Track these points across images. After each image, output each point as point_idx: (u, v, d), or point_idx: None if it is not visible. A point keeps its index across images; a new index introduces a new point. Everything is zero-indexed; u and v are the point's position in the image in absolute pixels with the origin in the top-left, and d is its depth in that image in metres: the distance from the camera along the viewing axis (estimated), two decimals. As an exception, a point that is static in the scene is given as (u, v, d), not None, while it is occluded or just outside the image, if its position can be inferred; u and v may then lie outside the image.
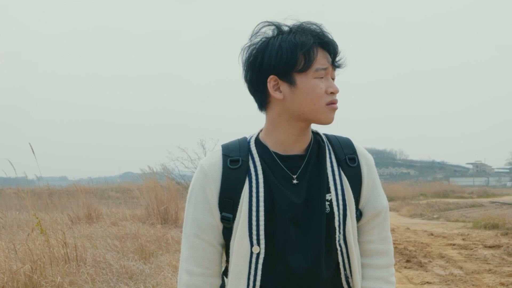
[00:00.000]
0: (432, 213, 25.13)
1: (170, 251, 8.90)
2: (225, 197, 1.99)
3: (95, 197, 15.43)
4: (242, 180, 1.98)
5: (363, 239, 2.08)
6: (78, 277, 6.61)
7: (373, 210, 2.06)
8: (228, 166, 2.00)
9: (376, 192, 2.08)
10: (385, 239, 2.09)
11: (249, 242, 1.93)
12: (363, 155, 2.08)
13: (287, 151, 2.02)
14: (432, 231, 16.01)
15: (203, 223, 2.01)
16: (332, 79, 1.97)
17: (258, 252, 1.94)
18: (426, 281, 8.57)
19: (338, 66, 1.99)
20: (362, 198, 2.05)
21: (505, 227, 15.89)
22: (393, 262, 2.11)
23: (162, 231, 10.71)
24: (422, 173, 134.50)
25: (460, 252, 11.68)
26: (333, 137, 2.12)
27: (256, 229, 1.93)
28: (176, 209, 13.13)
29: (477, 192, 48.33)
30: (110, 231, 10.43)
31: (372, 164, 2.10)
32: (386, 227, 2.11)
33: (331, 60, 1.96)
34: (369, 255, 2.07)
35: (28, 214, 10.60)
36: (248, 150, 2.04)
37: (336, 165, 2.02)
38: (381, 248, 2.08)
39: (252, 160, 2.01)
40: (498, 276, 8.98)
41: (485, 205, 31.21)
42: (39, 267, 6.30)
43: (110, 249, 8.50)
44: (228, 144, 2.08)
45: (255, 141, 2.07)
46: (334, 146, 2.07)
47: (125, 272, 7.19)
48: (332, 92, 1.95)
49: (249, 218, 1.93)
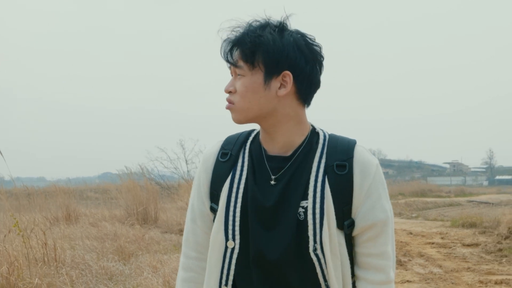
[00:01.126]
0: (411, 212, 25.29)
1: (150, 252, 8.86)
2: (213, 188, 2.00)
3: (74, 197, 15.32)
4: (227, 173, 1.98)
5: (359, 250, 1.96)
6: (57, 278, 6.55)
7: (364, 222, 1.91)
8: (219, 158, 2.02)
9: (371, 203, 1.90)
10: (382, 254, 1.94)
11: (224, 236, 1.92)
12: (359, 162, 1.91)
13: (272, 151, 1.98)
14: (411, 230, 16.09)
15: (197, 210, 2.06)
16: (237, 77, 1.92)
17: (233, 247, 1.92)
18: (406, 280, 8.61)
19: (228, 62, 1.92)
20: (353, 208, 1.90)
21: (483, 226, 16.02)
22: (390, 279, 1.97)
23: (142, 232, 10.66)
24: (400, 172, 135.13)
25: (439, 251, 11.76)
26: (334, 139, 1.99)
27: (232, 224, 1.91)
28: (156, 209, 13.09)
29: (455, 191, 48.73)
30: (89, 232, 10.37)
31: (371, 172, 1.91)
32: (384, 242, 1.94)
33: (225, 54, 1.92)
34: (365, 268, 1.96)
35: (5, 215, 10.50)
36: (243, 144, 2.03)
37: (323, 171, 1.90)
38: (377, 264, 1.94)
39: (242, 155, 2.00)
40: (477, 274, 9.05)
41: (462, 204, 31.49)
42: (16, 268, 6.23)
43: (89, 250, 8.45)
44: (230, 136, 2.09)
45: (254, 136, 2.05)
46: (329, 150, 1.95)
47: (105, 273, 7.14)
48: (224, 91, 1.94)
49: (226, 212, 1.93)
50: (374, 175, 1.92)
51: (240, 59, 1.88)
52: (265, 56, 1.86)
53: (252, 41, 1.85)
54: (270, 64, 1.86)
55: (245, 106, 1.89)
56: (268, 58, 1.86)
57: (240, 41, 1.87)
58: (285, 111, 1.94)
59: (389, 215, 1.95)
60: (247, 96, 1.88)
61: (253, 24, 1.89)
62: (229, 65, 1.93)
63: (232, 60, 1.89)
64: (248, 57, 1.86)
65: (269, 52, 1.85)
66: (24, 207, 12.47)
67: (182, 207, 15.54)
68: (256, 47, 1.85)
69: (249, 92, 1.88)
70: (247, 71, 1.87)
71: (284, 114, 1.94)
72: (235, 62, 1.89)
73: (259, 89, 1.88)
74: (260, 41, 1.85)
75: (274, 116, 1.93)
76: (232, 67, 1.91)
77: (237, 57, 1.88)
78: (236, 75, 1.91)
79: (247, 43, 1.86)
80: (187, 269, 2.07)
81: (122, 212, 13.38)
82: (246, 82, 1.88)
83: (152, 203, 13.07)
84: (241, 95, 1.89)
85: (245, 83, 1.88)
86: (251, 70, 1.87)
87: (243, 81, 1.88)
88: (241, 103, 1.90)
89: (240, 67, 1.88)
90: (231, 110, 1.93)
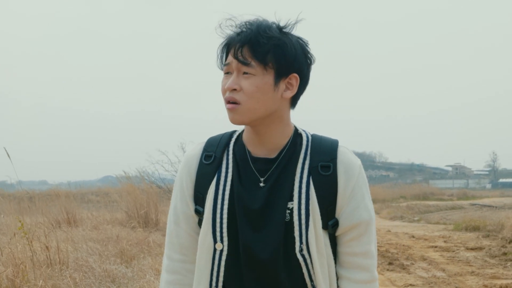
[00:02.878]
0: (413, 215, 25.28)
1: (152, 255, 8.84)
2: (197, 191, 2.00)
3: (75, 201, 15.32)
4: (212, 176, 1.97)
5: (342, 250, 1.98)
6: (61, 281, 6.55)
7: (349, 221, 1.93)
8: (203, 161, 2.01)
9: (355, 203, 1.93)
10: (366, 253, 1.97)
11: (212, 239, 1.93)
12: (343, 163, 1.93)
13: (257, 153, 1.98)
14: (413, 234, 16.08)
15: (181, 212, 2.05)
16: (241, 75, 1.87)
17: (221, 249, 1.92)
18: (409, 284, 8.59)
19: (238, 60, 1.85)
20: (337, 208, 1.93)
21: (486, 229, 16.00)
22: (375, 278, 2.00)
23: (144, 235, 10.65)
24: (401, 175, 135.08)
25: (442, 254, 11.73)
26: (317, 140, 2.00)
27: (219, 226, 1.92)
28: (157, 212, 13.07)
29: (457, 194, 48.70)
30: (91, 235, 10.36)
31: (354, 173, 1.94)
32: (368, 241, 1.97)
33: (235, 51, 1.86)
34: (348, 267, 1.98)
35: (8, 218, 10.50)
36: (226, 146, 2.02)
37: (307, 172, 1.92)
38: (360, 263, 1.96)
39: (226, 157, 2.00)
40: (481, 278, 9.02)
41: (465, 207, 31.51)
42: (21, 270, 6.23)
43: (92, 252, 8.43)
44: (212, 138, 2.07)
45: (237, 138, 2.04)
46: (313, 151, 1.96)
47: (108, 275, 7.13)
48: (226, 88, 1.89)
49: (213, 214, 1.93)
50: (357, 176, 1.95)
51: (252, 58, 1.84)
52: (279, 58, 1.85)
53: (267, 41, 1.83)
54: (282, 65, 1.86)
55: (252, 107, 1.87)
56: (282, 60, 1.86)
57: (253, 40, 1.83)
58: (281, 113, 1.95)
59: (372, 215, 1.99)
60: (256, 96, 1.86)
61: (261, 24, 1.86)
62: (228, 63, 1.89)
63: (243, 58, 1.84)
64: (262, 57, 1.83)
65: (284, 54, 1.85)
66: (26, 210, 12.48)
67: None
68: (271, 48, 1.84)
69: (259, 93, 1.86)
70: (259, 70, 1.85)
71: (278, 116, 1.95)
72: (246, 61, 1.84)
73: (269, 90, 1.87)
74: (275, 43, 1.84)
75: (270, 117, 1.93)
76: (239, 65, 1.85)
77: (248, 56, 1.84)
78: (240, 73, 1.87)
79: (262, 43, 1.83)
80: (172, 272, 2.06)
81: (123, 215, 13.37)
82: (257, 82, 1.85)
83: (152, 206, 13.05)
84: (250, 95, 1.86)
85: (256, 83, 1.85)
86: (263, 70, 1.85)
87: (253, 81, 1.85)
88: (248, 103, 1.86)
89: (252, 66, 1.84)
90: (235, 111, 1.88)
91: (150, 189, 13.98)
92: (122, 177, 15.19)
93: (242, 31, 1.86)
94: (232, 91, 1.87)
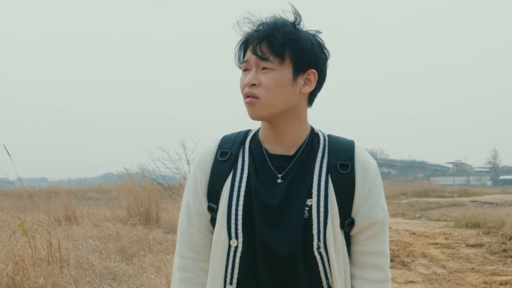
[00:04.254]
0: (414, 212, 25.24)
1: (153, 252, 8.84)
2: (212, 187, 1.99)
3: (76, 198, 15.32)
4: (227, 172, 1.97)
5: (357, 249, 1.98)
6: (61, 278, 6.55)
7: (365, 221, 1.94)
8: (218, 157, 2.00)
9: (372, 202, 1.95)
10: (381, 253, 1.97)
11: (227, 235, 1.92)
12: (361, 162, 1.95)
13: (274, 150, 1.98)
14: (414, 230, 16.06)
15: (193, 210, 2.03)
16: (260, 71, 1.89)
17: (236, 246, 1.92)
18: (409, 280, 8.59)
19: (257, 55, 1.87)
20: (354, 207, 1.94)
21: (487, 226, 16.00)
22: (388, 277, 2.01)
23: (144, 232, 10.65)
24: (402, 172, 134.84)
25: (442, 251, 11.73)
26: (334, 139, 2.02)
27: (234, 222, 1.91)
28: (157, 210, 13.06)
29: (458, 191, 48.57)
30: (91, 232, 10.36)
31: (371, 172, 1.96)
32: (383, 240, 1.98)
33: (253, 47, 1.88)
34: (362, 267, 1.98)
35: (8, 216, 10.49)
36: (242, 144, 2.02)
37: (325, 170, 1.93)
38: (375, 262, 1.97)
39: (242, 154, 2.00)
40: (481, 275, 9.03)
41: (466, 204, 31.44)
42: (21, 268, 6.23)
43: (93, 250, 8.43)
44: (227, 136, 2.08)
45: (253, 135, 2.05)
46: (331, 150, 1.97)
47: (108, 273, 7.14)
48: (245, 84, 1.90)
49: (228, 211, 1.92)
50: (374, 175, 1.97)
51: (270, 53, 1.86)
52: (297, 52, 1.87)
53: (284, 36, 1.86)
54: (300, 60, 1.88)
55: (271, 101, 1.88)
56: (299, 54, 1.87)
57: (270, 36, 1.85)
58: (299, 109, 1.96)
59: (387, 215, 2.00)
60: (275, 90, 1.87)
61: (278, 21, 1.89)
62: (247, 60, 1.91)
63: (261, 53, 1.86)
64: (280, 51, 1.85)
65: (301, 49, 1.87)
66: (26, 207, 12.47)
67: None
68: (288, 42, 1.86)
69: (278, 87, 1.87)
70: (277, 65, 1.86)
71: (296, 112, 1.96)
72: (264, 56, 1.86)
73: (288, 85, 1.88)
74: (292, 37, 1.86)
75: (289, 113, 1.94)
76: (258, 60, 1.87)
77: (266, 51, 1.86)
78: (258, 68, 1.88)
79: (279, 38, 1.85)
80: (184, 270, 2.05)
81: (123, 212, 13.37)
82: (276, 76, 1.87)
83: (153, 204, 13.03)
84: (269, 90, 1.87)
85: (275, 77, 1.87)
86: (281, 65, 1.86)
87: (272, 75, 1.87)
88: (268, 98, 1.87)
89: (270, 60, 1.86)
90: (254, 105, 1.89)
91: (151, 186, 13.98)
92: (122, 174, 15.19)
93: (259, 29, 1.89)
94: (251, 86, 1.88)
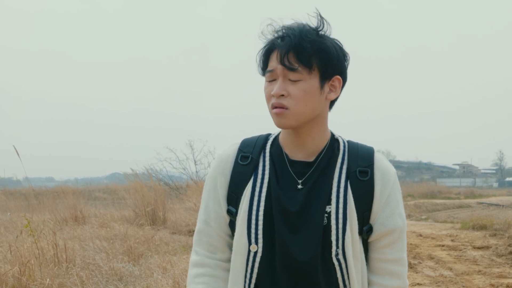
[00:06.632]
0: (420, 214, 25.25)
1: (159, 253, 8.84)
2: (232, 191, 1.99)
3: (82, 198, 15.35)
4: (248, 177, 1.97)
5: (374, 256, 1.98)
6: (68, 279, 6.56)
7: (383, 228, 1.94)
8: (239, 161, 2.00)
9: (390, 210, 1.94)
10: (399, 260, 1.99)
11: (247, 240, 1.92)
12: (380, 170, 1.95)
13: (294, 156, 1.98)
14: (421, 232, 16.02)
15: (212, 212, 2.04)
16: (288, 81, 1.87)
17: (256, 251, 1.91)
18: (416, 283, 8.57)
19: (285, 66, 1.85)
20: (372, 214, 1.94)
21: (493, 228, 15.91)
22: (406, 285, 2.01)
23: (151, 233, 10.65)
24: (409, 173, 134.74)
25: (449, 253, 11.69)
26: (354, 146, 2.02)
27: (255, 227, 1.91)
28: (164, 210, 13.06)
29: (464, 193, 48.49)
30: (98, 233, 10.36)
31: (390, 180, 1.95)
32: (401, 248, 1.99)
33: (281, 58, 1.85)
34: (380, 274, 1.98)
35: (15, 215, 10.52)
36: (262, 148, 2.02)
37: (345, 177, 1.93)
38: (393, 269, 1.97)
39: (263, 159, 2.00)
40: (488, 277, 8.99)
41: (472, 206, 31.39)
42: (28, 269, 6.24)
43: (99, 250, 8.44)
44: (247, 139, 2.08)
45: (273, 140, 2.04)
46: (350, 156, 1.97)
47: (115, 273, 7.14)
48: (273, 94, 1.87)
49: (249, 216, 1.92)
50: (393, 183, 1.96)
51: (298, 63, 1.84)
52: (324, 61, 1.87)
53: (312, 45, 1.84)
54: (326, 68, 1.87)
55: (301, 111, 1.88)
56: (325, 62, 1.87)
57: (297, 46, 1.83)
58: (323, 115, 1.97)
59: (405, 222, 2.00)
60: (304, 100, 1.87)
61: (303, 28, 1.87)
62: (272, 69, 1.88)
63: (289, 64, 1.84)
64: (308, 61, 1.84)
65: (328, 57, 1.87)
66: (33, 207, 12.50)
67: (191, 208, 15.54)
68: (316, 52, 1.85)
69: (307, 96, 1.87)
70: (305, 75, 1.85)
71: (321, 118, 1.97)
72: (293, 67, 1.84)
73: (316, 93, 1.88)
74: (319, 46, 1.85)
75: (314, 120, 1.94)
76: (285, 71, 1.85)
77: (294, 61, 1.84)
78: (286, 78, 1.86)
79: (306, 48, 1.83)
80: (200, 265, 2.04)
81: (130, 213, 13.37)
82: (305, 86, 1.86)
83: (160, 204, 13.03)
84: (298, 99, 1.86)
85: (304, 87, 1.86)
86: (309, 74, 1.85)
87: (300, 85, 1.86)
88: (297, 107, 1.87)
89: (298, 71, 1.84)
90: (283, 115, 1.88)
91: (158, 187, 13.99)
92: (129, 175, 15.22)
93: (285, 37, 1.86)
94: (280, 97, 1.87)
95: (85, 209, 13.56)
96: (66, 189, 14.82)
